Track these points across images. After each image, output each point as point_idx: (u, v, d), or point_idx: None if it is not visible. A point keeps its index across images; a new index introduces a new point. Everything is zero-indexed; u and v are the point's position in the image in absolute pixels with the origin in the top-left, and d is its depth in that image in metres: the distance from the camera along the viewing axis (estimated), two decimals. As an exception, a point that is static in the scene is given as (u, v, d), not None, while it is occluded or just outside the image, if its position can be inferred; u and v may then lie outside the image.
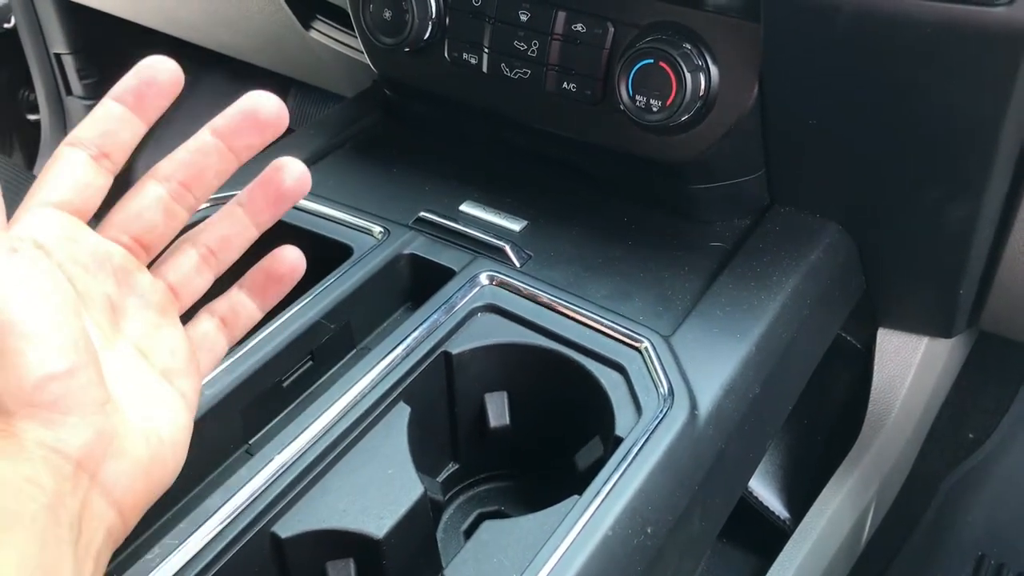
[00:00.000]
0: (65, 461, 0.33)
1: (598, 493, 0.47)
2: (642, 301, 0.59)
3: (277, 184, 0.42)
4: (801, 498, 0.77)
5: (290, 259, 0.43)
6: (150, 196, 0.40)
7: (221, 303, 0.43)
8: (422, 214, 0.64)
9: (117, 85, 0.39)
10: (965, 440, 1.00)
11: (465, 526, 0.58)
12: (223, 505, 0.45)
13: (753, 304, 0.58)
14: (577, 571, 0.43)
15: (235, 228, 0.42)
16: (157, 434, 0.37)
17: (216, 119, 0.40)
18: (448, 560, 0.48)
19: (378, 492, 0.48)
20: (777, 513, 0.77)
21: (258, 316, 0.44)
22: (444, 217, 0.63)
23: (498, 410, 0.57)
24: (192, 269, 0.42)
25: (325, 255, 0.60)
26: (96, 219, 0.40)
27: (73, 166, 0.38)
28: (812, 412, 0.81)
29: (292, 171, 0.42)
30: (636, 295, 0.59)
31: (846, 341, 0.82)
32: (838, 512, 0.76)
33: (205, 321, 0.43)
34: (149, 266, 0.41)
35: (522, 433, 0.57)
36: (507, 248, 0.61)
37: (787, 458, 0.81)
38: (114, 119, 0.38)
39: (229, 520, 0.45)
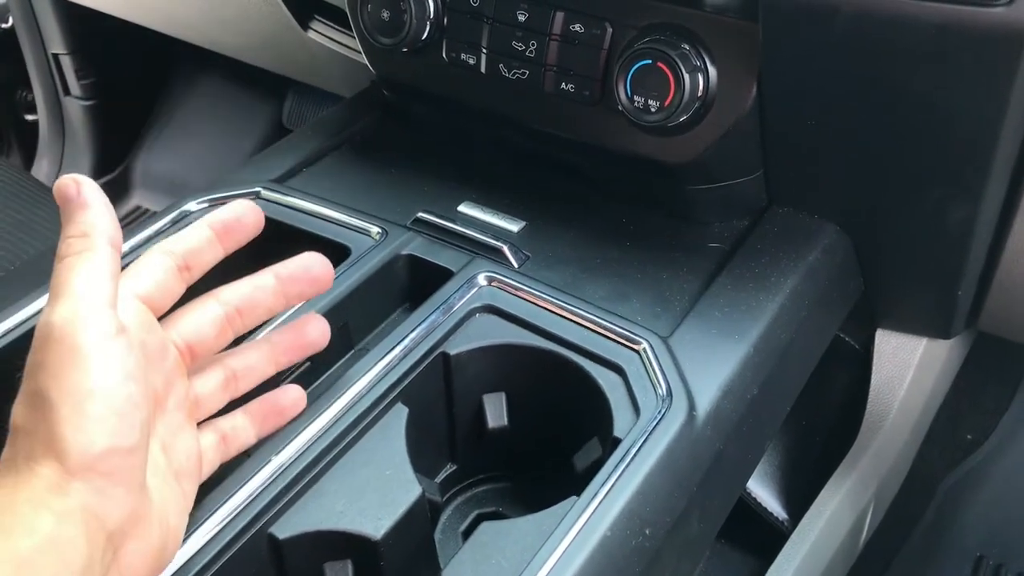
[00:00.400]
0: (100, 532, 0.35)
1: (596, 494, 0.46)
2: (640, 302, 0.59)
3: (304, 334, 0.49)
4: (799, 499, 0.77)
5: (293, 396, 0.48)
6: (210, 312, 0.45)
7: (225, 422, 0.47)
8: (420, 215, 0.64)
9: (214, 213, 0.46)
10: (963, 441, 1.00)
11: (463, 527, 0.58)
12: (221, 506, 0.45)
13: (751, 305, 0.58)
14: (575, 572, 0.43)
15: (260, 362, 0.48)
16: (167, 525, 0.40)
17: (280, 267, 0.47)
18: (446, 561, 0.48)
19: (376, 493, 0.47)
20: (775, 514, 0.77)
21: (251, 442, 0.47)
22: (442, 218, 0.63)
23: (496, 411, 0.57)
24: (217, 387, 0.46)
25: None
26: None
27: (161, 269, 0.43)
28: (810, 413, 0.81)
29: (317, 325, 0.49)
30: (634, 296, 0.59)
31: (844, 342, 0.82)
32: (836, 513, 0.76)
33: (210, 435, 0.46)
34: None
35: (520, 434, 0.57)
36: (505, 249, 0.61)
37: (785, 459, 0.81)
38: (203, 241, 0.45)
39: (227, 521, 0.45)
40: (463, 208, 0.66)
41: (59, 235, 0.39)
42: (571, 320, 0.56)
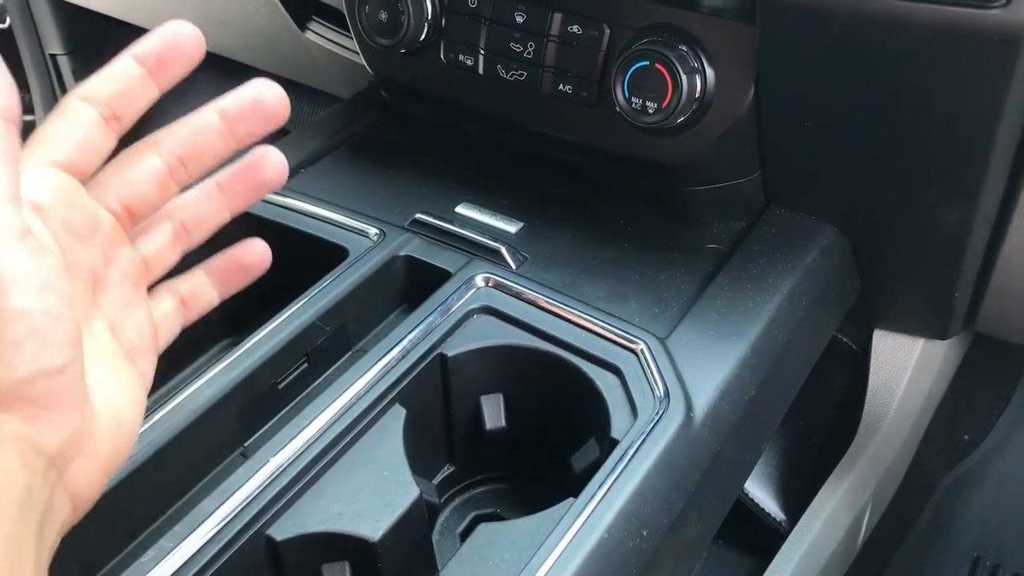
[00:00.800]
0: (39, 457, 0.32)
1: (594, 495, 0.46)
2: (638, 303, 0.59)
3: (258, 171, 0.41)
4: (797, 500, 0.77)
5: (258, 250, 0.43)
6: (147, 166, 0.38)
7: (184, 283, 0.42)
8: (418, 216, 0.64)
9: (138, 44, 0.37)
10: (961, 442, 1.00)
11: (461, 528, 0.58)
12: (219, 507, 0.45)
13: (749, 306, 0.58)
14: (572, 574, 0.43)
15: (211, 209, 0.41)
16: (118, 423, 0.36)
17: (222, 100, 0.39)
18: (444, 562, 0.48)
19: (374, 494, 0.47)
20: (773, 515, 0.77)
21: (215, 303, 0.43)
22: (440, 219, 0.63)
23: (494, 412, 0.57)
24: (166, 244, 0.40)
25: (321, 257, 0.60)
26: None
27: (81, 124, 0.36)
28: (808, 413, 0.81)
29: (274, 160, 0.41)
30: (632, 297, 0.59)
31: (842, 343, 0.82)
32: (834, 514, 0.76)
33: (166, 299, 0.41)
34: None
35: (518, 435, 0.57)
36: (503, 250, 0.61)
37: (783, 460, 0.81)
38: (132, 80, 0.37)
39: (224, 522, 0.45)
40: (461, 209, 0.66)
41: None
42: (569, 321, 0.56)
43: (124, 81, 0.37)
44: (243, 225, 0.44)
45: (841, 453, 0.79)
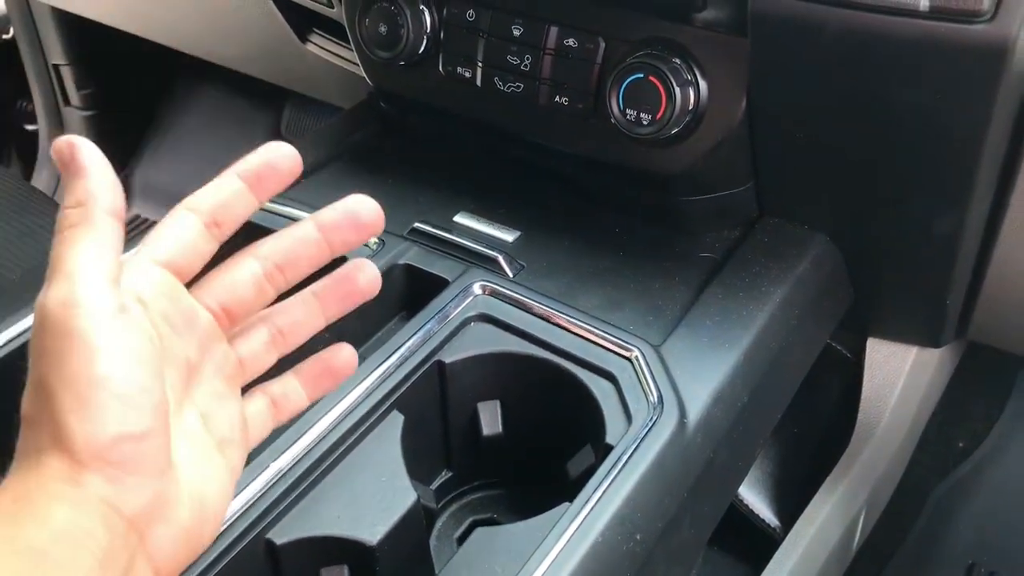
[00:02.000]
0: (120, 519, 0.34)
1: (588, 500, 0.47)
2: (633, 311, 0.59)
3: (352, 282, 0.44)
4: (791, 506, 0.78)
5: (345, 355, 0.45)
6: (246, 271, 0.41)
7: (275, 386, 0.44)
8: (416, 225, 0.64)
9: (242, 162, 0.41)
10: (955, 449, 1.00)
11: (458, 533, 0.59)
12: (219, 512, 0.46)
13: (742, 314, 0.59)
14: (567, 577, 0.44)
15: (307, 316, 0.43)
16: (203, 502, 0.38)
17: (322, 213, 0.42)
18: (441, 567, 0.49)
19: (372, 499, 0.48)
20: (767, 521, 0.78)
21: (304, 406, 0.44)
22: (438, 228, 0.64)
23: (491, 419, 0.58)
24: (261, 347, 0.43)
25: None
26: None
27: (185, 229, 0.39)
28: (802, 420, 0.82)
29: (368, 273, 0.44)
30: (627, 305, 0.60)
31: (836, 350, 0.83)
32: (828, 520, 0.76)
33: (259, 400, 0.43)
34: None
35: (515, 441, 0.58)
36: (500, 258, 0.62)
37: (777, 466, 0.81)
38: (232, 193, 0.40)
39: (225, 526, 0.45)
40: (459, 218, 0.67)
41: None
42: (565, 329, 0.57)
43: (226, 193, 0.40)
44: (244, 233, 0.45)
45: (835, 460, 0.80)
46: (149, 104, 1.46)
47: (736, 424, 0.56)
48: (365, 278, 0.43)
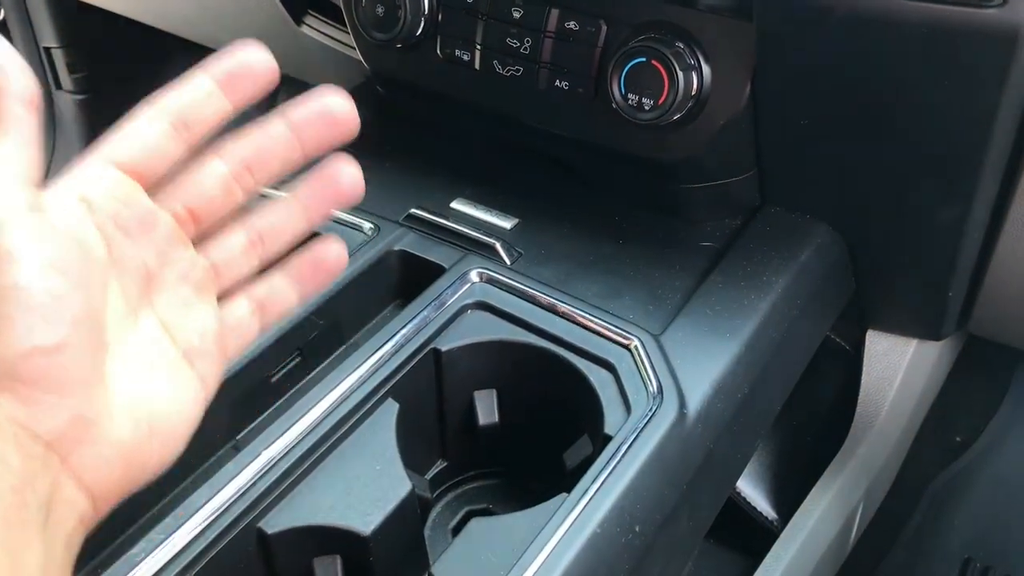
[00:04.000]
0: (35, 442, 0.31)
1: (586, 491, 0.46)
2: (632, 299, 0.59)
3: (335, 183, 0.41)
4: (789, 499, 0.77)
5: (336, 249, 0.42)
6: (211, 170, 0.38)
7: (261, 287, 0.41)
8: (413, 211, 0.63)
9: (211, 61, 0.38)
10: (953, 443, 1.00)
11: (453, 524, 0.58)
12: (209, 500, 0.45)
13: (743, 303, 0.58)
14: (564, 569, 0.43)
15: (287, 219, 0.41)
16: (150, 418, 0.35)
17: (290, 108, 0.39)
18: (436, 557, 0.48)
19: (366, 489, 0.47)
20: (765, 513, 0.77)
21: (293, 305, 0.42)
22: (435, 214, 0.63)
23: (487, 408, 0.57)
24: (239, 252, 0.40)
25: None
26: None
27: (149, 129, 0.37)
28: (800, 413, 0.81)
29: (349, 172, 0.41)
30: (626, 293, 0.59)
31: (835, 343, 0.82)
32: (826, 513, 0.76)
33: (241, 304, 0.40)
34: (195, 243, 0.39)
35: (511, 431, 0.57)
36: (498, 245, 0.61)
37: (775, 459, 0.81)
38: (204, 93, 0.37)
39: (215, 516, 0.44)
40: (456, 204, 0.66)
41: None
42: (563, 317, 0.56)
43: (196, 93, 0.37)
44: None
45: (833, 453, 0.79)
46: (142, 88, 1.44)
47: (736, 416, 0.55)
48: (348, 178, 0.41)
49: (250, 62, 0.38)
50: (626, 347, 0.54)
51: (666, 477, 0.49)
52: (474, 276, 0.58)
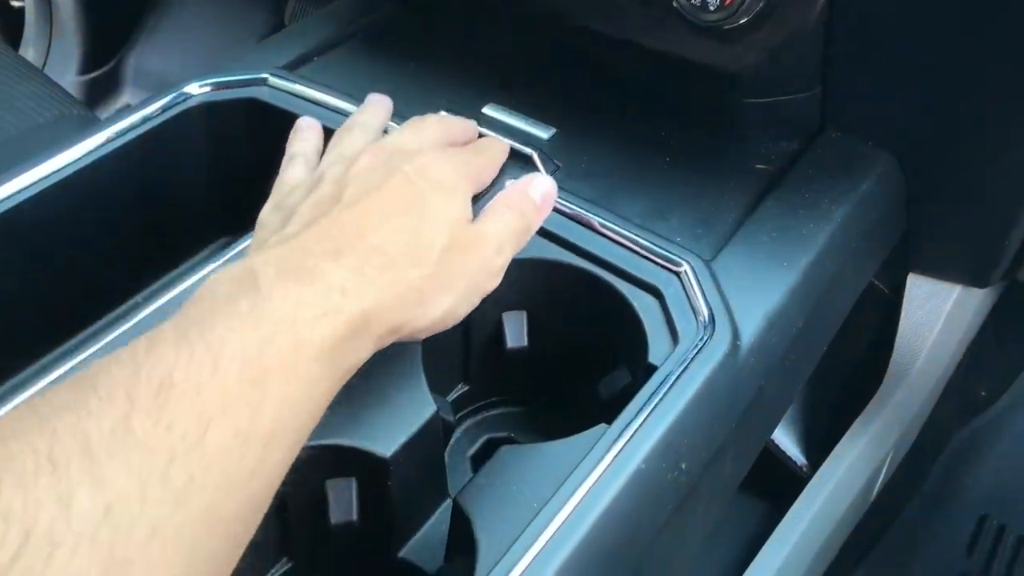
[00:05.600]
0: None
1: (630, 423, 0.42)
2: (680, 221, 0.54)
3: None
4: (819, 446, 0.74)
5: None
6: None
7: None
8: (442, 113, 0.58)
9: None
10: (977, 396, 0.97)
11: (472, 451, 0.54)
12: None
13: (802, 232, 0.53)
14: (606, 506, 0.39)
15: None
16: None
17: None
18: (454, 486, 0.44)
19: (386, 409, 0.43)
20: (795, 459, 0.74)
21: None
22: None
23: (516, 330, 0.53)
24: None
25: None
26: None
27: None
28: (834, 358, 0.77)
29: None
30: (674, 214, 0.54)
31: (874, 286, 0.78)
32: (856, 462, 0.73)
33: None
34: None
35: (540, 356, 0.53)
36: (535, 156, 0.55)
37: (806, 404, 0.77)
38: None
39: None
40: (488, 110, 0.60)
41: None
42: (604, 236, 0.51)
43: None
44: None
45: (866, 400, 0.76)
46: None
47: (789, 351, 0.51)
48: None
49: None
50: (674, 272, 0.49)
51: (715, 413, 0.45)
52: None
